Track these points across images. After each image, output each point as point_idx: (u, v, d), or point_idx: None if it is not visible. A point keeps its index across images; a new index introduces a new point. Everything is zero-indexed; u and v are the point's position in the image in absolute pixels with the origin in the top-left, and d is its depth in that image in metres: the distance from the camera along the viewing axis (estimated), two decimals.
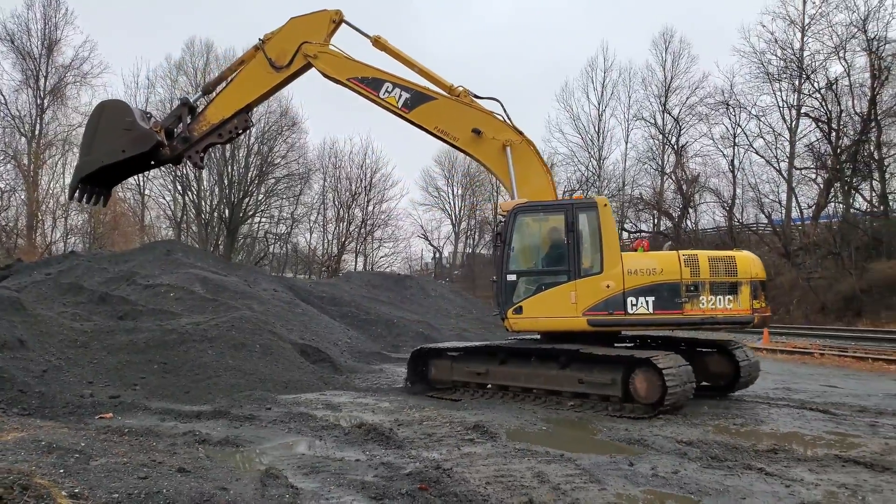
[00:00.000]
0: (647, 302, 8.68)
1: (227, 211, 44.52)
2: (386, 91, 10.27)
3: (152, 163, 11.40)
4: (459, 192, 65.78)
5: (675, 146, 44.58)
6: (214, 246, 43.06)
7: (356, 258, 54.94)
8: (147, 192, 46.26)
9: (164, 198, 47.48)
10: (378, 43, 10.82)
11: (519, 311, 9.18)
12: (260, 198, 47.00)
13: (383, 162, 54.49)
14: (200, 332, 11.03)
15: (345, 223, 53.47)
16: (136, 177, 40.86)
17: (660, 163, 46.10)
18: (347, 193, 53.55)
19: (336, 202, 53.91)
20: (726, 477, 5.35)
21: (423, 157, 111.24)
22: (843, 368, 14.62)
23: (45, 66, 39.32)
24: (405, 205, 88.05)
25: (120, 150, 10.43)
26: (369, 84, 10.38)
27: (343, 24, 10.97)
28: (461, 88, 10.23)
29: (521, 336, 10.50)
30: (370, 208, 53.64)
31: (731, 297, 8.70)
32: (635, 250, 9.33)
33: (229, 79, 11.31)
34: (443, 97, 10.24)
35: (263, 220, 49.13)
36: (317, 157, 52.24)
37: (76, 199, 11.21)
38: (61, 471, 4.32)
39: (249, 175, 44.98)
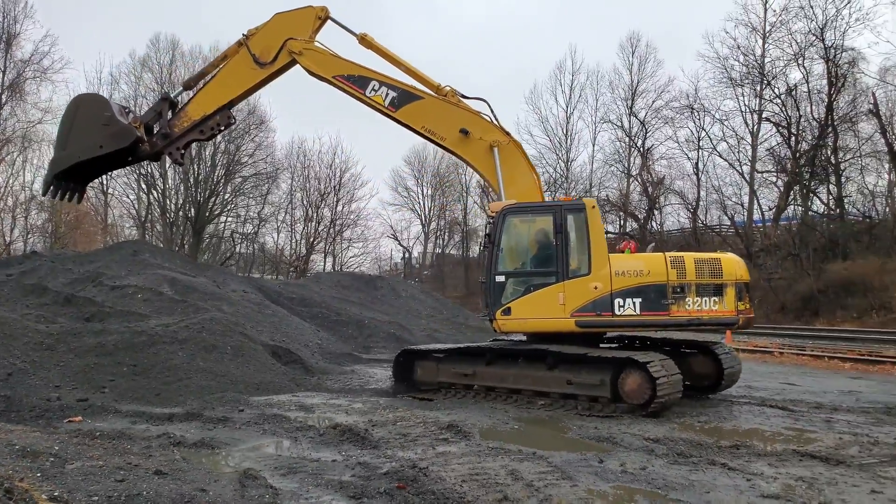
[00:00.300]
0: (634, 303, 8.76)
1: (192, 210, 43.91)
2: (372, 89, 10.19)
3: (130, 159, 11.22)
4: (429, 192, 65.91)
5: (641, 149, 45.36)
6: (180, 246, 42.44)
7: (325, 258, 54.70)
8: (110, 190, 45.42)
9: (127, 196, 46.72)
10: (364, 41, 10.72)
11: (507, 312, 9.20)
12: (227, 197, 46.50)
13: (353, 161, 54.22)
14: (170, 333, 10.95)
15: (313, 223, 53.20)
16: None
17: (626, 165, 46.87)
18: (316, 193, 53.28)
19: (305, 202, 53.60)
20: (691, 472, 5.57)
21: (393, 157, 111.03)
22: (801, 367, 15.11)
23: (4, 61, 38.28)
24: (375, 205, 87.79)
25: (97, 145, 10.23)
26: (355, 82, 10.27)
27: (329, 21, 10.83)
28: (448, 88, 10.20)
29: (500, 338, 10.62)
30: (339, 208, 53.47)
31: (716, 299, 8.79)
32: (622, 252, 9.42)
33: (211, 74, 11.10)
34: (430, 96, 10.20)
35: (230, 219, 48.64)
36: (285, 156, 51.85)
37: (50, 195, 10.98)
38: (38, 475, 4.33)
39: (216, 174, 44.47)
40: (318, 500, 4.55)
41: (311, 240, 52.83)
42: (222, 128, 11.10)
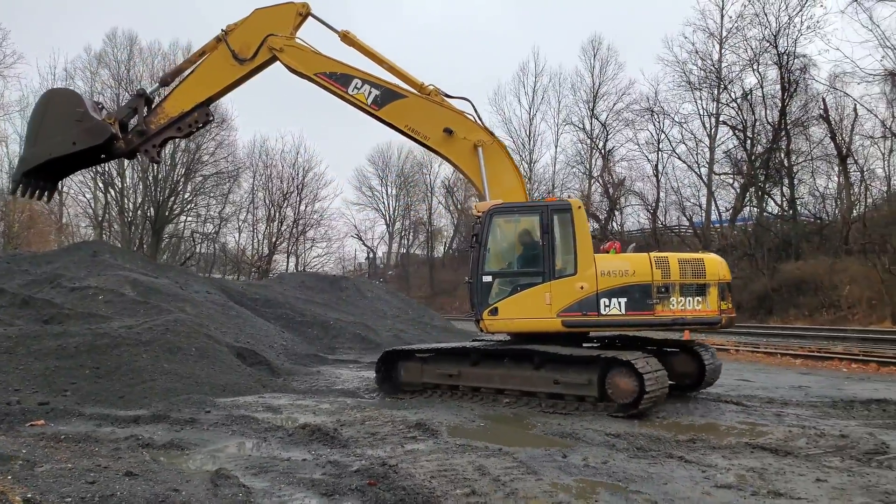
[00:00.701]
0: (619, 303, 8.82)
1: (151, 210, 43.13)
2: (355, 87, 10.09)
3: (103, 156, 10.98)
4: (393, 191, 65.97)
5: (603, 151, 46.20)
6: (138, 246, 41.64)
7: (288, 259, 54.28)
8: (65, 189, 44.34)
9: (84, 195, 45.69)
10: (347, 38, 10.61)
11: (495, 312, 9.20)
12: (187, 196, 45.82)
13: (316, 161, 54.00)
14: (134, 335, 10.84)
15: (276, 223, 52.75)
16: None
17: (588, 166, 47.71)
18: (279, 193, 52.86)
19: (267, 201, 53.13)
20: (650, 465, 5.81)
21: (357, 157, 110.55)
22: (755, 363, 15.67)
23: None
24: (338, 204, 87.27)
25: (70, 141, 9.99)
26: (338, 80, 10.18)
27: (310, 18, 10.70)
28: (432, 87, 10.18)
29: (481, 337, 10.73)
30: (302, 208, 53.13)
31: (699, 299, 8.87)
32: (607, 252, 9.47)
33: (189, 70, 10.91)
34: (413, 95, 10.14)
35: (189, 219, 47.93)
36: (246, 154, 51.32)
37: (19, 194, 10.71)
38: (9, 477, 4.33)
39: (176, 172, 43.76)
40: (290, 497, 4.64)
41: (274, 240, 52.41)
42: (200, 125, 10.92)
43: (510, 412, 8.60)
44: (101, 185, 44.95)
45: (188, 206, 46.05)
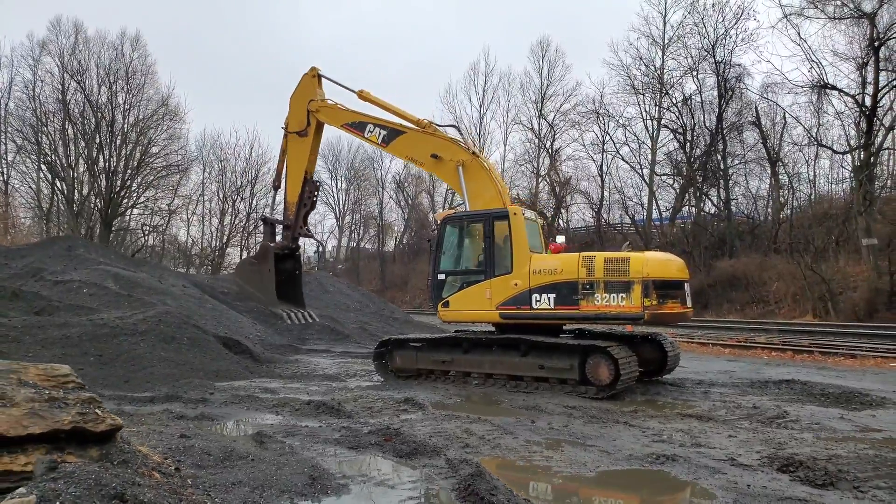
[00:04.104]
0: (549, 298, 9.87)
1: (100, 202, 42.69)
2: (369, 131, 12.63)
3: (286, 252, 14.88)
4: (344, 185, 66.50)
5: (550, 150, 47.98)
6: (87, 238, 41.25)
7: (241, 252, 54.34)
8: (10, 179, 43.57)
9: (30, 186, 44.95)
10: (362, 96, 13.92)
11: (447, 304, 10.78)
12: (135, 188, 45.43)
13: (270, 155, 54.18)
14: (130, 326, 11.73)
15: (229, 216, 52.83)
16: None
17: (535, 165, 49.38)
18: (232, 186, 52.92)
19: (220, 195, 53.12)
20: (602, 428, 7.21)
21: None
22: (690, 352, 17.37)
23: None
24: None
25: (266, 269, 14.17)
26: (356, 127, 12.93)
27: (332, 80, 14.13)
28: (426, 121, 12.39)
29: (463, 329, 12.06)
30: (255, 202, 53.28)
31: (623, 295, 9.41)
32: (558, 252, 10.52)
33: (282, 169, 14.11)
34: (412, 130, 12.36)
35: (137, 211, 47.51)
36: (198, 147, 51.17)
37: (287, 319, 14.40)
38: None
39: (125, 164, 43.38)
40: (324, 450, 5.82)
41: (228, 233, 52.49)
42: (316, 193, 14.44)
43: (481, 391, 9.92)
44: (48, 176, 44.33)
45: (138, 199, 45.64)
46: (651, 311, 9.32)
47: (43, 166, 44.19)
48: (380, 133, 12.59)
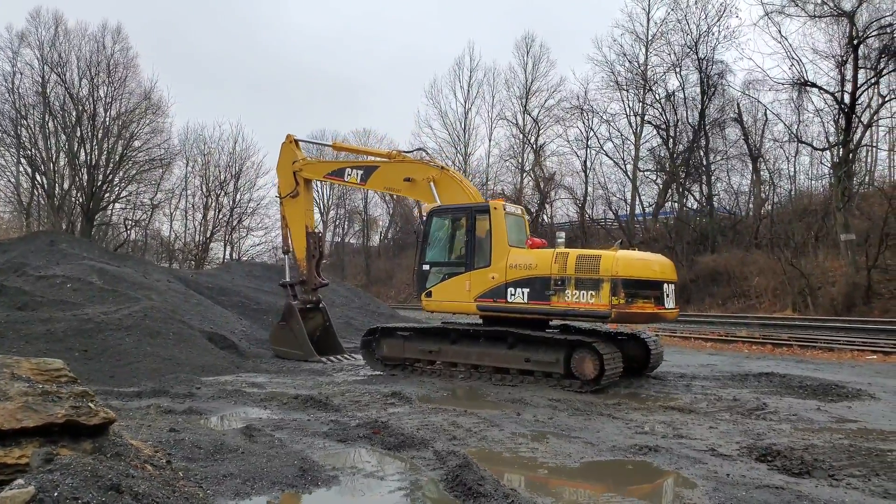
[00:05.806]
0: (523, 293, 10.06)
1: (82, 196, 42.22)
2: (347, 174, 13.37)
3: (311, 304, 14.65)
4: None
5: (534, 146, 48.13)
6: (69, 232, 40.81)
7: (224, 247, 54.04)
8: None
9: (10, 180, 44.35)
10: (335, 146, 16.52)
11: (430, 295, 11.00)
12: (117, 182, 44.95)
13: (254, 150, 53.85)
14: (115, 321, 11.69)
15: (213, 211, 52.44)
16: None
17: (520, 161, 49.44)
18: (216, 181, 52.53)
19: (203, 189, 52.70)
20: (586, 420, 7.35)
21: None
22: (673, 346, 17.62)
23: None
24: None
25: (296, 326, 13.93)
26: (336, 174, 13.96)
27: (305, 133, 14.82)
28: (395, 151, 13.34)
29: (451, 320, 12.09)
30: (238, 197, 52.95)
31: (593, 293, 9.46)
32: (537, 247, 10.64)
33: (287, 234, 14.75)
34: (383, 163, 13.05)
35: (119, 206, 47.03)
36: (181, 141, 50.74)
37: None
38: None
39: (107, 159, 42.91)
40: (312, 443, 5.90)
41: (212, 227, 52.13)
42: (320, 244, 15.03)
43: (467, 385, 10.02)
44: (27, 170, 43.79)
45: (120, 193, 45.16)
46: (618, 310, 9.34)
47: (23, 160, 43.62)
48: (357, 174, 13.21)
